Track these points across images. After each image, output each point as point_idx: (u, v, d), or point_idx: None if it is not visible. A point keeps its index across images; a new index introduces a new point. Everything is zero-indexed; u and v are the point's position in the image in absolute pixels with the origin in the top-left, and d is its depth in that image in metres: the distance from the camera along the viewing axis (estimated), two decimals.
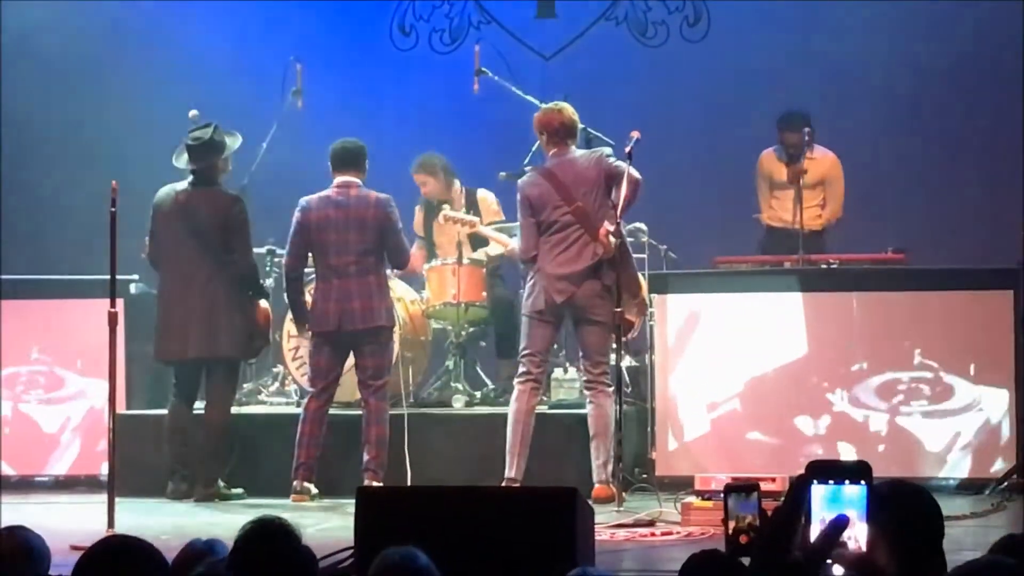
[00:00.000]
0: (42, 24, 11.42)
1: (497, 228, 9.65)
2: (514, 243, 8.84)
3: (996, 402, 8.98)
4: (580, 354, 8.75)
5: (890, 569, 1.88)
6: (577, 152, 8.59)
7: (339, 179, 8.90)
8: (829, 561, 1.91)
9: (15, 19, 11.22)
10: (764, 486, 7.92)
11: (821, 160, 10.23)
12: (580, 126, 8.75)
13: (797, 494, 1.92)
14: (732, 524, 2.48)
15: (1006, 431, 8.94)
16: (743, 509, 2.47)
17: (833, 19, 11.19)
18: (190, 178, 9.02)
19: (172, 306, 8.97)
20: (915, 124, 11.03)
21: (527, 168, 8.89)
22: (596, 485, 8.31)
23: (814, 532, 1.99)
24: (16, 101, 11.30)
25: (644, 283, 8.93)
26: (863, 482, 1.96)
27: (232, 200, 9.00)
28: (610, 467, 8.36)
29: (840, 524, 1.90)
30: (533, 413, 8.60)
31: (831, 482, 1.95)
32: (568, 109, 8.62)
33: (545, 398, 9.32)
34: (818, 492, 1.94)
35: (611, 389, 8.50)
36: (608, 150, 8.65)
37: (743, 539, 2.33)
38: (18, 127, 11.42)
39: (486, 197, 10.07)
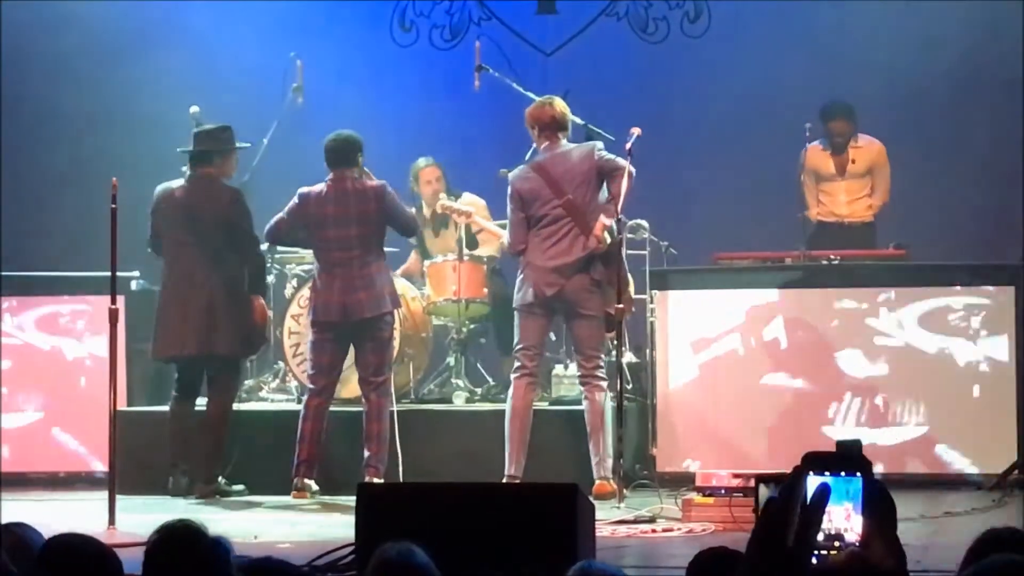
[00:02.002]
0: (43, 22, 11.43)
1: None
2: (506, 235, 8.86)
3: (997, 398, 8.97)
4: (572, 348, 8.76)
5: (887, 562, 1.88)
6: (569, 145, 8.60)
7: (333, 173, 8.89)
8: (823, 552, 1.90)
9: (17, 17, 11.22)
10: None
11: (868, 148, 10.29)
12: (574, 120, 8.75)
13: (793, 486, 1.92)
14: None
15: (1007, 427, 8.93)
16: None
17: (833, 16, 11.17)
18: (187, 175, 9.01)
19: (170, 304, 8.97)
20: (917, 120, 11.01)
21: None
22: (597, 481, 8.31)
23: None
24: (17, 98, 11.30)
25: (632, 280, 8.92)
26: (859, 474, 1.95)
27: (231, 194, 8.99)
28: (609, 462, 8.36)
29: (824, 493, 1.89)
30: (531, 408, 8.60)
31: (827, 474, 1.94)
32: (559, 102, 8.63)
33: (545, 395, 9.33)
34: (814, 484, 1.93)
35: (604, 383, 8.51)
36: (600, 143, 8.65)
37: None
38: (19, 124, 11.43)
39: (472, 201, 10.08)
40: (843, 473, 1.94)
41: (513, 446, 8.47)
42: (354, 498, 5.65)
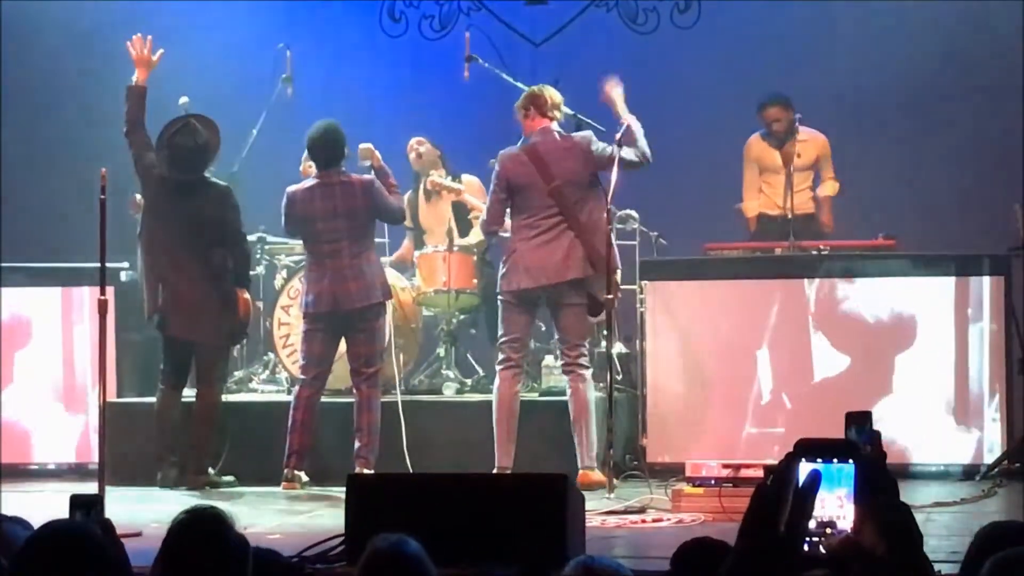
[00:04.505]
0: (33, 19, 11.40)
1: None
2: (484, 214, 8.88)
3: (985, 388, 8.98)
4: (556, 337, 8.75)
5: (879, 549, 1.87)
6: (561, 132, 8.60)
7: (319, 172, 8.89)
8: (816, 539, 1.89)
9: (10, 14, 11.19)
10: (750, 472, 7.86)
11: (813, 141, 10.25)
12: (565, 110, 8.74)
13: (784, 472, 1.91)
14: None
15: (995, 418, 8.94)
16: None
17: (824, 7, 11.17)
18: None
19: (159, 281, 8.89)
20: (908, 110, 11.01)
21: None
22: (580, 470, 8.30)
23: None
24: (11, 93, 11.28)
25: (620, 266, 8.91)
26: (851, 460, 1.94)
27: (223, 193, 8.94)
28: (594, 452, 8.35)
29: (815, 479, 1.88)
30: (517, 398, 8.59)
31: (819, 460, 1.93)
32: (550, 89, 8.65)
33: (536, 385, 9.33)
34: (806, 470, 1.92)
35: (588, 371, 8.51)
36: (592, 134, 8.63)
37: None
38: (10, 115, 11.40)
39: (471, 181, 10.09)
40: (835, 460, 1.93)
41: (501, 437, 8.47)
42: (344, 489, 5.64)
